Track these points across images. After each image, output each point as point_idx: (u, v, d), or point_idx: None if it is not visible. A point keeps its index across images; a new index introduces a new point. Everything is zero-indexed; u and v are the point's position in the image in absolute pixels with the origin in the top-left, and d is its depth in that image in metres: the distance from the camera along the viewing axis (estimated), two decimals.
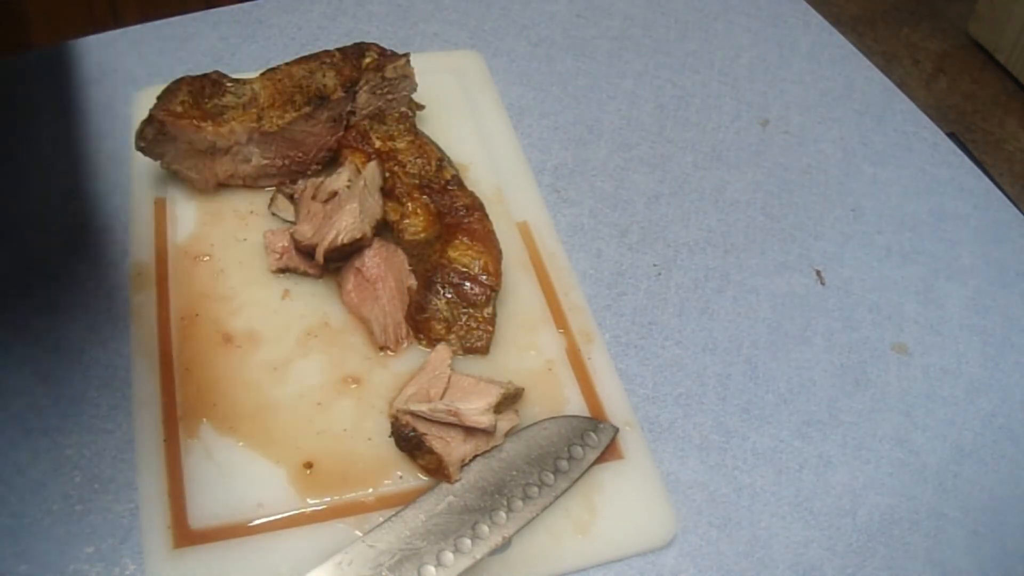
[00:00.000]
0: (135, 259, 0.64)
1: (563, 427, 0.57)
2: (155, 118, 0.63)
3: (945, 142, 0.82)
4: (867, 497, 0.59)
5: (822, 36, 0.91)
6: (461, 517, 0.53)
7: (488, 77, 0.81)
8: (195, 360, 0.59)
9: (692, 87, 0.83)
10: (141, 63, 0.78)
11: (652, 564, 0.55)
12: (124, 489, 0.54)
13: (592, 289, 0.67)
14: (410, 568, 0.50)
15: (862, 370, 0.65)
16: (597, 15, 0.89)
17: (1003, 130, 1.99)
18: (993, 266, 0.73)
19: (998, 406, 0.64)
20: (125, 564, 0.51)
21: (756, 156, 0.78)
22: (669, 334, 0.65)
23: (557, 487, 0.55)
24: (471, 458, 0.55)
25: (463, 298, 0.61)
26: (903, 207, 0.76)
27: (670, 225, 0.72)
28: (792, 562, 0.55)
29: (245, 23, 0.83)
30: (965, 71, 2.12)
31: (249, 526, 0.52)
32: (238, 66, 0.78)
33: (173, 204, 0.67)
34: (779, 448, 0.60)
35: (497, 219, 0.66)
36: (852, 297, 0.69)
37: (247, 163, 0.66)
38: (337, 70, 0.67)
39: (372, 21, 0.85)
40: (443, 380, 0.56)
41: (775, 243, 0.72)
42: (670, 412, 0.61)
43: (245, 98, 0.66)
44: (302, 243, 0.62)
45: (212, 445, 0.55)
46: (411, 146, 0.67)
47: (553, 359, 0.62)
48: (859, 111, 0.84)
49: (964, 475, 0.60)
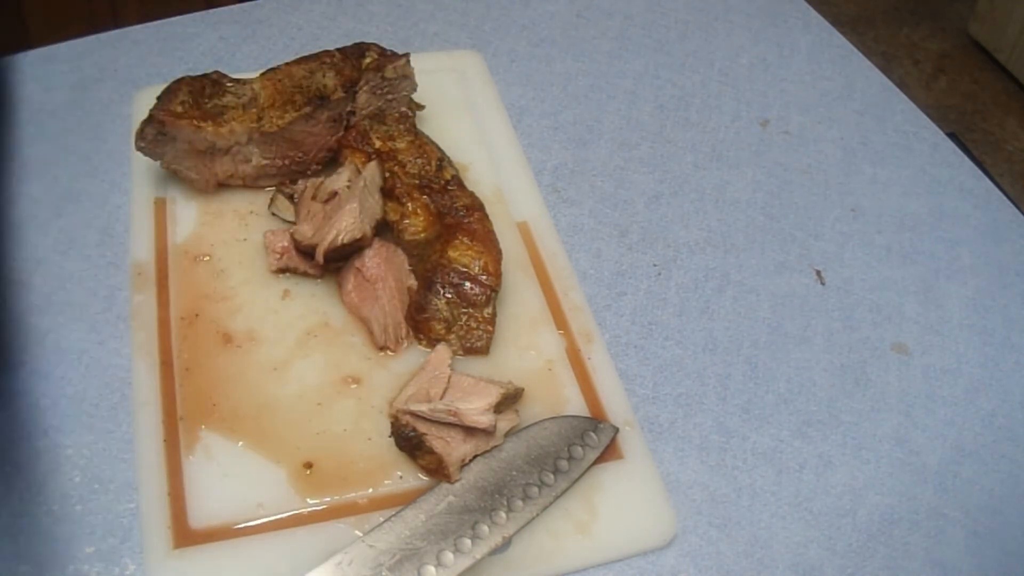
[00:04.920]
0: (135, 259, 0.64)
1: (563, 427, 0.57)
2: (155, 118, 0.63)
3: (945, 142, 0.82)
4: (867, 497, 0.59)
5: (822, 36, 0.91)
6: (461, 517, 0.53)
7: (488, 77, 0.81)
8: (195, 360, 0.59)
9: (692, 87, 0.83)
10: (141, 63, 0.78)
11: (652, 564, 0.55)
12: (124, 489, 0.54)
13: (592, 289, 0.67)
14: (410, 568, 0.50)
15: (862, 370, 0.65)
16: (597, 15, 0.89)
17: (1003, 130, 1.99)
18: (993, 266, 0.73)
19: (998, 406, 0.64)
20: (125, 564, 0.51)
21: (756, 156, 0.78)
22: (669, 334, 0.65)
23: (557, 487, 0.55)
24: (471, 458, 0.55)
25: (463, 298, 0.61)
26: (903, 207, 0.76)
27: (670, 225, 0.72)
28: (792, 562, 0.55)
29: (245, 23, 0.83)
30: (965, 71, 2.12)
31: (249, 526, 0.52)
32: (238, 66, 0.78)
33: (173, 204, 0.67)
34: (779, 448, 0.60)
35: (497, 219, 0.66)
36: (852, 297, 0.69)
37: (247, 163, 0.66)
38: (337, 70, 0.67)
39: (372, 21, 0.85)
40: (443, 380, 0.56)
41: (775, 243, 0.72)
42: (670, 412, 0.61)
43: (245, 98, 0.66)
44: (302, 243, 0.62)
45: (212, 445, 0.55)
46: (411, 146, 0.67)
47: (553, 359, 0.62)
48: (859, 111, 0.84)
49: (964, 475, 0.60)
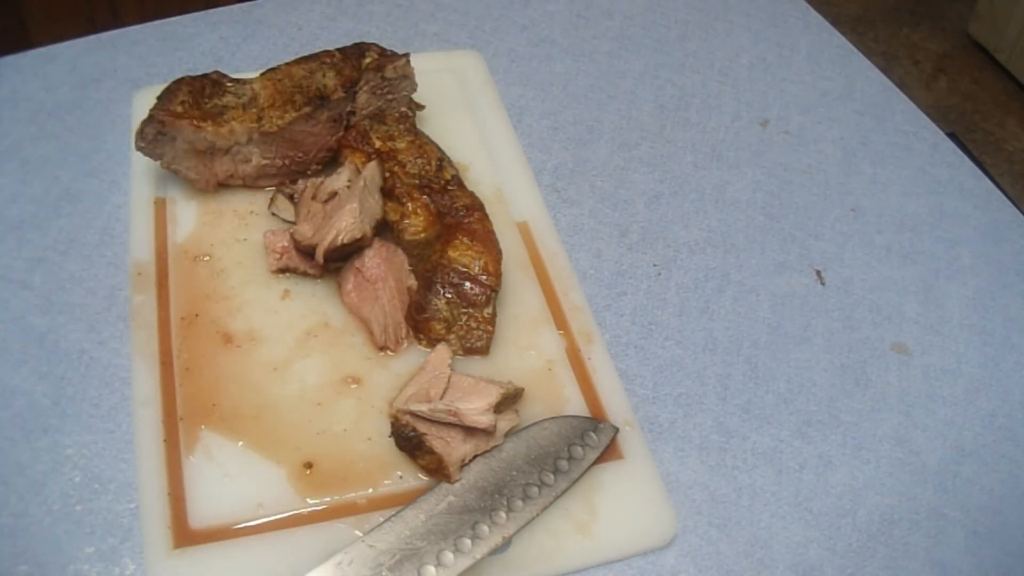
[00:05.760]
0: (135, 259, 0.64)
1: (563, 427, 0.57)
2: (155, 118, 0.63)
3: (945, 142, 0.82)
4: (867, 497, 0.59)
5: (822, 36, 0.91)
6: (461, 517, 0.53)
7: (488, 77, 0.81)
8: (195, 360, 0.59)
9: (692, 87, 0.83)
10: (141, 63, 0.78)
11: (652, 564, 0.55)
12: (124, 489, 0.54)
13: (592, 289, 0.67)
14: (410, 568, 0.50)
15: (862, 370, 0.65)
16: (597, 15, 0.89)
17: (1003, 130, 1.99)
18: (993, 266, 0.73)
19: (998, 406, 0.64)
20: (125, 564, 0.51)
21: (756, 156, 0.78)
22: (669, 334, 0.65)
23: (557, 487, 0.55)
24: (471, 458, 0.55)
25: (463, 298, 0.61)
26: (903, 207, 0.76)
27: (670, 225, 0.72)
28: (792, 562, 0.55)
29: (245, 23, 0.83)
30: (965, 71, 2.12)
31: (249, 526, 0.52)
32: (238, 66, 0.78)
33: (173, 204, 0.67)
34: (779, 448, 0.60)
35: (497, 219, 0.66)
36: (852, 297, 0.69)
37: (247, 163, 0.66)
38: (337, 70, 0.67)
39: (372, 21, 0.85)
40: (443, 380, 0.56)
41: (775, 243, 0.72)
42: (670, 412, 0.61)
43: (245, 98, 0.66)
44: (302, 243, 0.62)
45: (212, 445, 0.55)
46: (411, 146, 0.67)
47: (553, 359, 0.62)
48: (859, 111, 0.84)
49: (964, 475, 0.60)
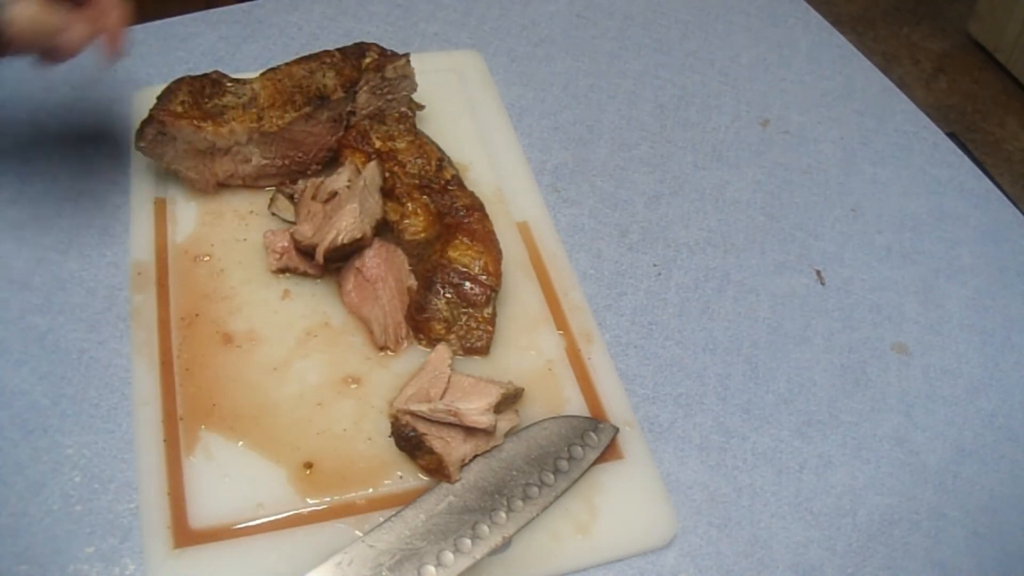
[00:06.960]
0: (135, 259, 0.64)
1: (563, 427, 0.57)
2: (155, 118, 0.63)
3: (945, 142, 0.82)
4: (867, 497, 0.59)
5: (822, 36, 0.91)
6: (461, 517, 0.53)
7: (488, 77, 0.81)
8: (195, 360, 0.59)
9: (692, 87, 0.83)
10: (141, 63, 0.78)
11: (652, 564, 0.55)
12: (124, 489, 0.54)
13: (592, 289, 0.67)
14: (410, 568, 0.50)
15: (862, 370, 0.65)
16: (597, 15, 0.89)
17: (1003, 130, 1.99)
18: (993, 266, 0.73)
19: (998, 406, 0.64)
20: (125, 564, 0.51)
21: (756, 156, 0.78)
22: (669, 334, 0.65)
23: (557, 487, 0.55)
24: (471, 458, 0.55)
25: (463, 298, 0.61)
26: (903, 207, 0.76)
27: (670, 225, 0.72)
28: (792, 562, 0.55)
29: (245, 23, 0.83)
30: (965, 71, 2.12)
31: (249, 526, 0.52)
32: (238, 66, 0.78)
33: (173, 204, 0.67)
34: (779, 448, 0.60)
35: (497, 219, 0.66)
36: (852, 297, 0.69)
37: (247, 163, 0.66)
38: (337, 70, 0.67)
39: (372, 21, 0.85)
40: (443, 380, 0.56)
41: (775, 243, 0.72)
42: (670, 412, 0.61)
43: (245, 98, 0.66)
44: (302, 243, 0.62)
45: (212, 445, 0.55)
46: (411, 146, 0.67)
47: (553, 359, 0.62)
48: (859, 111, 0.84)
49: (964, 475, 0.60)
